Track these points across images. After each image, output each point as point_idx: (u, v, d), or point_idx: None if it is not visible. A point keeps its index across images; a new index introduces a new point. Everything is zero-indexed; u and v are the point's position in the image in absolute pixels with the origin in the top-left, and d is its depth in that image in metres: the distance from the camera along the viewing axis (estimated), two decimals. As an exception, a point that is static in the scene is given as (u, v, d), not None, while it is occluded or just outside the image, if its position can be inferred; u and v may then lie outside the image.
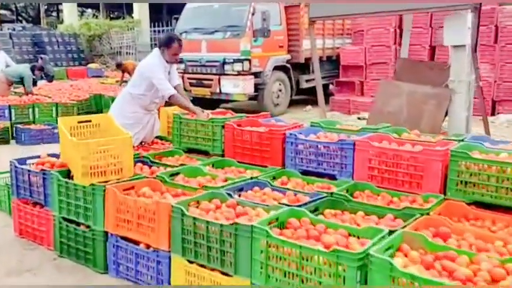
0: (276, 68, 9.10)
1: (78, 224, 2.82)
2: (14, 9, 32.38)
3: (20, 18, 31.50)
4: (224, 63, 8.50)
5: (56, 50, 19.92)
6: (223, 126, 3.47)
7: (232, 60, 8.40)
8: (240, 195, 2.69)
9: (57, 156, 3.34)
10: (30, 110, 7.23)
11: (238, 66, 8.43)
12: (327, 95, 11.63)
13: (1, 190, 3.71)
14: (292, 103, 10.04)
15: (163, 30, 21.50)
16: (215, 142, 3.51)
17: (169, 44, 3.82)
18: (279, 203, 2.43)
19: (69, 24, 24.37)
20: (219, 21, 8.69)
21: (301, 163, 3.13)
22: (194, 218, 2.26)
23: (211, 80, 8.63)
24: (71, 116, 7.61)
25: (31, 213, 3.10)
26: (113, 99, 8.70)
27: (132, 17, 22.42)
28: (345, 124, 3.54)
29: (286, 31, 9.30)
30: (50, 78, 11.17)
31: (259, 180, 2.89)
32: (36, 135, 6.67)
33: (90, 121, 3.21)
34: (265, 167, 3.23)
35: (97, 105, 8.65)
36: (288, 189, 2.78)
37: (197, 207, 2.48)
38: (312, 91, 11.08)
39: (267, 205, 2.44)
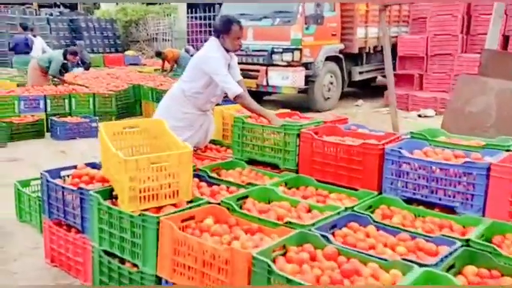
0: (328, 58, 8.29)
1: (123, 261, 2.21)
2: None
3: (57, 3, 31.68)
4: (272, 52, 7.77)
5: (93, 36, 19.72)
6: (298, 135, 2.77)
7: (281, 50, 7.66)
8: (334, 235, 2.00)
9: (97, 166, 2.75)
10: (67, 100, 6.77)
11: (287, 56, 7.69)
12: (380, 88, 10.72)
13: (31, 201, 3.17)
14: (342, 97, 9.21)
15: (200, 17, 20.95)
16: (287, 154, 2.83)
17: (228, 28, 3.14)
18: (403, 259, 1.71)
19: (105, 10, 24.20)
20: (267, 6, 7.93)
21: (406, 188, 2.40)
22: (288, 280, 1.59)
23: (258, 71, 7.93)
24: (108, 107, 7.14)
25: (65, 239, 2.53)
26: (152, 90, 8.24)
27: (169, 3, 21.88)
28: (453, 137, 2.76)
29: (340, 18, 8.44)
30: (86, 66, 10.79)
31: (356, 213, 2.19)
32: (72, 129, 6.19)
33: (137, 127, 2.59)
34: (354, 189, 2.52)
35: (136, 95, 8.13)
36: (398, 228, 2.06)
37: (284, 254, 1.81)
38: (363, 84, 10.24)
39: (384, 259, 1.74)
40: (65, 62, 7.83)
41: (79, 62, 11.30)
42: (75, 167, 2.75)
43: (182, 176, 2.25)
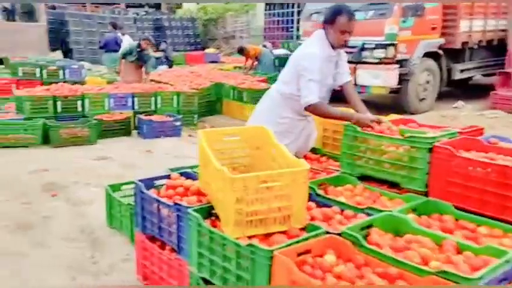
0: (426, 54, 7.49)
1: (224, 293, 1.90)
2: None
3: (142, 3, 33.28)
4: (362, 48, 7.18)
5: (175, 34, 20.33)
6: (429, 150, 2.27)
7: (373, 45, 7.04)
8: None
9: (192, 176, 2.48)
10: (153, 98, 6.78)
11: (380, 53, 7.05)
12: (479, 88, 9.60)
13: (122, 208, 3.02)
14: (438, 97, 8.33)
15: (277, 14, 20.68)
16: (413, 172, 2.33)
17: (333, 18, 2.71)
18: None
19: (187, 9, 24.90)
20: (359, -2, 7.35)
21: None
22: None
23: (346, 68, 7.37)
24: (191, 105, 7.05)
25: (159, 258, 2.29)
26: (233, 88, 8.05)
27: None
28: None
29: (441, 9, 7.58)
30: (170, 64, 10.96)
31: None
32: (157, 128, 6.16)
33: (238, 135, 2.26)
34: (507, 222, 1.97)
35: (217, 94, 8.00)
36: None
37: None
38: (461, 83, 9.21)
39: None
40: (140, 50, 7.80)
41: (163, 60, 11.55)
42: (168, 176, 2.50)
43: (295, 199, 1.88)
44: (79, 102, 6.14)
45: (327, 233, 1.86)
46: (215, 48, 22.28)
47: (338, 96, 3.17)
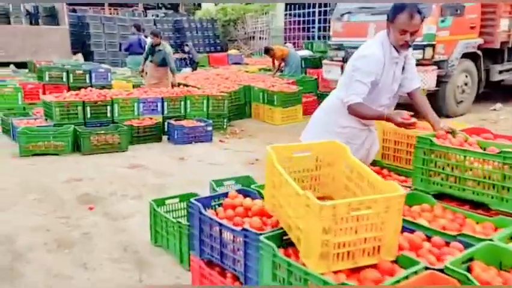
0: (464, 55, 7.14)
1: (305, 336, 1.66)
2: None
3: (160, 5, 33.37)
4: (399, 50, 6.86)
5: (195, 36, 20.22)
6: (526, 167, 2.00)
7: (410, 47, 6.71)
8: None
9: (250, 194, 2.26)
10: (182, 103, 6.60)
11: (417, 54, 6.69)
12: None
13: (168, 224, 2.81)
14: (476, 100, 7.95)
15: (298, 14, 20.41)
16: (505, 192, 2.06)
17: (393, 17, 2.45)
18: None
19: (206, 10, 24.80)
20: (394, -3, 7.03)
21: None
22: None
23: (380, 70, 7.08)
24: (221, 109, 6.84)
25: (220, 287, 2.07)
26: (263, 91, 7.80)
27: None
28: None
29: (480, 7, 7.22)
30: (194, 66, 10.80)
31: None
32: (189, 134, 5.96)
33: (310, 151, 2.03)
34: None
35: (246, 97, 7.79)
36: None
37: None
38: (496, 84, 8.81)
39: None
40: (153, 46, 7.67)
41: (187, 62, 11.40)
42: (226, 194, 2.28)
43: (388, 228, 1.63)
44: (108, 108, 5.99)
45: (426, 268, 1.61)
46: (235, 49, 22.18)
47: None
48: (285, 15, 20.99)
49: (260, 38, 21.54)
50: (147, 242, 3.01)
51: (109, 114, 6.00)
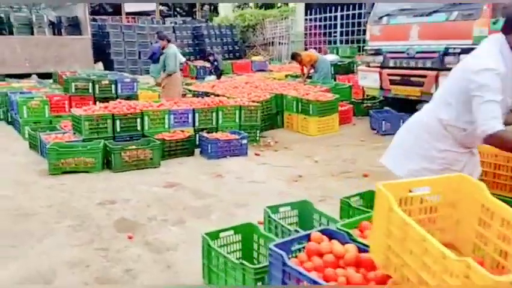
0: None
1: None
2: (170, 4, 34.60)
3: (175, 12, 33.40)
4: (445, 53, 6.40)
5: (213, 42, 19.99)
6: None
7: (459, 50, 6.24)
8: None
9: (337, 237, 1.87)
10: (214, 114, 6.26)
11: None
12: None
13: (228, 263, 2.42)
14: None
15: (320, 19, 20.01)
16: None
17: None
18: None
19: (224, 16, 24.60)
20: (439, -2, 6.58)
21: None
22: None
23: (424, 76, 6.60)
24: (253, 120, 6.47)
25: None
26: (297, 100, 7.40)
27: (287, 5, 21.32)
28: None
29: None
30: (219, 74, 10.49)
31: None
32: (223, 147, 5.61)
33: (430, 187, 1.62)
34: None
35: (278, 106, 7.41)
36: None
37: None
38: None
39: None
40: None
41: (212, 70, 11.10)
42: (308, 236, 1.89)
43: None
44: (138, 121, 5.68)
45: None
46: (253, 55, 21.91)
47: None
48: (306, 20, 20.61)
49: (280, 43, 21.21)
50: (199, 279, 2.64)
51: (139, 128, 5.70)
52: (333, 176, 4.87)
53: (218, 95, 7.30)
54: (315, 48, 20.32)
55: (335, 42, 18.88)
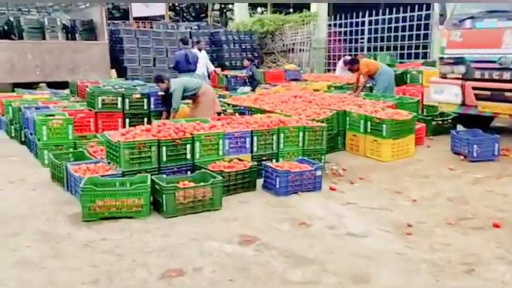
0: None
1: None
2: (178, 9, 33.71)
3: (183, 18, 32.43)
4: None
5: (232, 49, 18.96)
6: None
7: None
8: None
9: None
10: (274, 137, 5.15)
11: None
12: None
13: None
14: None
15: (345, 24, 18.92)
16: None
17: None
18: None
19: (240, 22, 23.58)
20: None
21: None
22: None
23: (524, 91, 5.52)
24: (318, 143, 5.37)
25: None
26: (365, 118, 5.95)
27: (309, 10, 20.25)
28: None
29: None
30: (255, 85, 9.37)
31: None
32: (294, 181, 4.50)
33: None
34: None
35: (339, 125, 6.29)
36: None
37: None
38: None
39: None
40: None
41: (246, 80, 10.02)
42: None
43: None
44: (188, 147, 4.58)
45: None
46: (270, 62, 20.88)
47: None
48: (329, 25, 19.54)
49: (300, 50, 20.15)
50: None
51: (188, 156, 4.59)
52: (451, 225, 3.74)
53: (263, 111, 6.21)
54: (339, 55, 19.30)
55: (362, 50, 17.80)
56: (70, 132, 5.50)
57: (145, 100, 6.43)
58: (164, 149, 4.44)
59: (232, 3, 27.01)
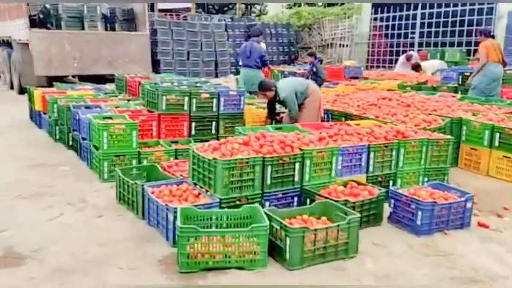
0: None
1: None
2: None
3: (207, 10, 31.34)
4: None
5: (269, 43, 17.85)
6: None
7: None
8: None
9: None
10: (394, 153, 4.06)
11: None
12: None
13: None
14: None
15: (388, 18, 17.65)
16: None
17: None
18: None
19: (274, 14, 22.46)
20: None
21: None
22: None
23: None
24: (442, 160, 4.28)
25: None
26: (492, 128, 4.57)
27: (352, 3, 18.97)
28: None
29: None
30: (320, 83, 8.29)
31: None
32: (440, 216, 3.40)
33: None
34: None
35: (455, 136, 5.13)
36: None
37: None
38: None
39: None
40: None
41: (310, 78, 8.92)
42: None
43: None
44: (297, 167, 3.52)
45: None
46: (305, 57, 19.76)
47: None
48: (373, 19, 18.25)
49: (341, 45, 18.93)
50: None
51: (296, 177, 3.54)
52: None
53: (351, 117, 5.14)
54: (384, 50, 18.02)
55: (412, 45, 16.49)
56: (134, 140, 4.50)
57: (214, 101, 5.39)
58: (269, 169, 3.39)
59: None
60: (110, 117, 4.80)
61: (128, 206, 3.68)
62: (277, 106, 5.66)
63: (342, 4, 19.44)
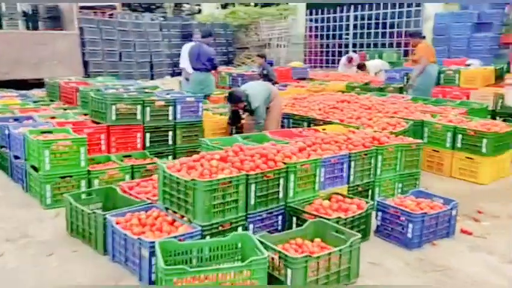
0: None
1: None
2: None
3: (131, 8, 29.96)
4: None
5: (206, 44, 17.30)
6: None
7: None
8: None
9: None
10: (372, 161, 3.89)
11: None
12: None
13: None
14: None
15: (323, 19, 18.01)
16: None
17: None
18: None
19: (209, 14, 21.92)
20: None
21: None
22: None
23: None
24: (414, 164, 4.21)
25: None
26: (454, 130, 4.68)
27: (287, 4, 19.07)
28: None
29: None
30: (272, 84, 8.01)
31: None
32: (429, 227, 3.26)
33: None
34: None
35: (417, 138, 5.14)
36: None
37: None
38: None
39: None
40: None
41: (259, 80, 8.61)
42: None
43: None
44: (281, 183, 3.19)
45: None
46: (245, 58, 19.56)
47: None
48: (309, 20, 18.52)
49: (278, 45, 18.98)
50: None
51: (281, 194, 3.21)
52: None
53: (314, 121, 4.97)
54: (316, 51, 18.36)
55: (346, 46, 16.95)
56: (82, 158, 3.86)
57: (170, 108, 4.87)
58: (253, 187, 3.02)
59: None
60: (50, 132, 4.11)
61: (84, 238, 3.10)
62: (241, 112, 5.30)
63: (278, 4, 19.49)
